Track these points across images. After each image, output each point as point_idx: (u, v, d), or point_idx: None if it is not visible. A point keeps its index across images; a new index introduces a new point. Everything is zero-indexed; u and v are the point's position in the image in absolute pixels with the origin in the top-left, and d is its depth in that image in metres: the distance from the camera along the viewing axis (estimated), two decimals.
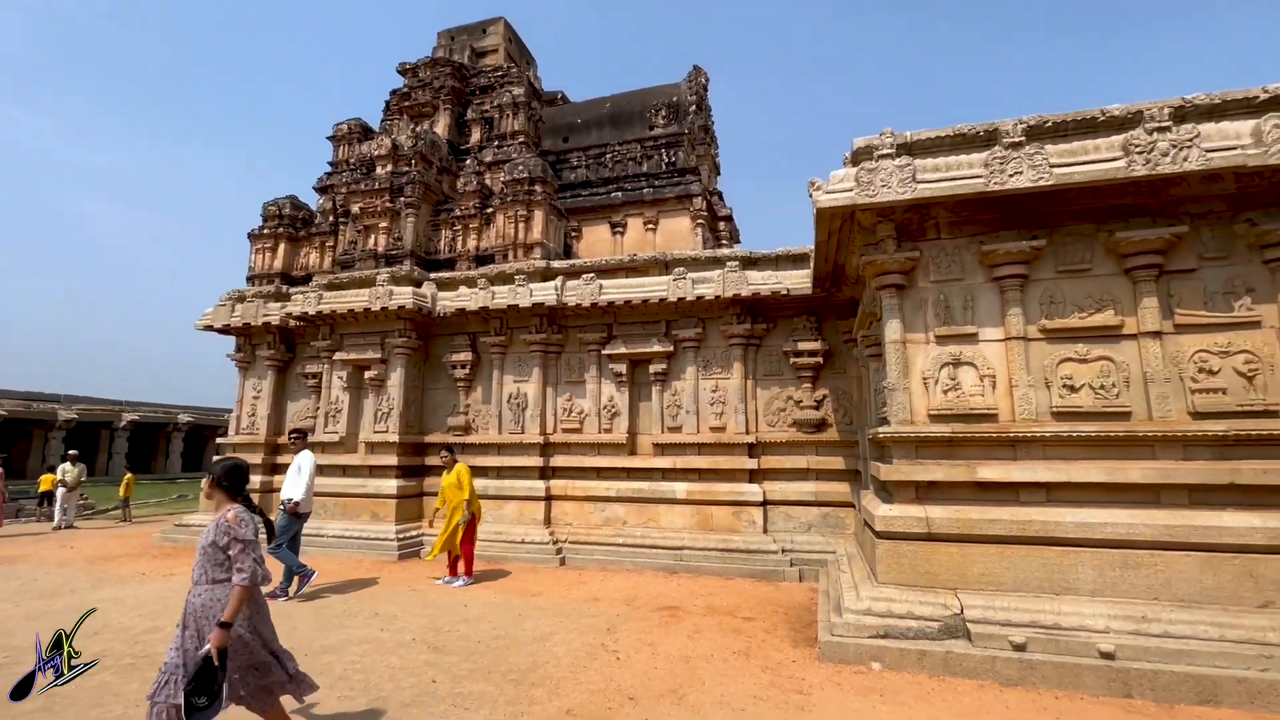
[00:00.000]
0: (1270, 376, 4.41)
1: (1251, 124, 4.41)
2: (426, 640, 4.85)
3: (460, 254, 10.07)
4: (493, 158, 10.89)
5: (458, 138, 11.81)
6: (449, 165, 10.98)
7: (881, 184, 4.96)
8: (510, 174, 9.89)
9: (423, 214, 10.18)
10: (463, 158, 11.55)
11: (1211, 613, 4.07)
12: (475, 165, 11.09)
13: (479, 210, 10.09)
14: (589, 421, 8.90)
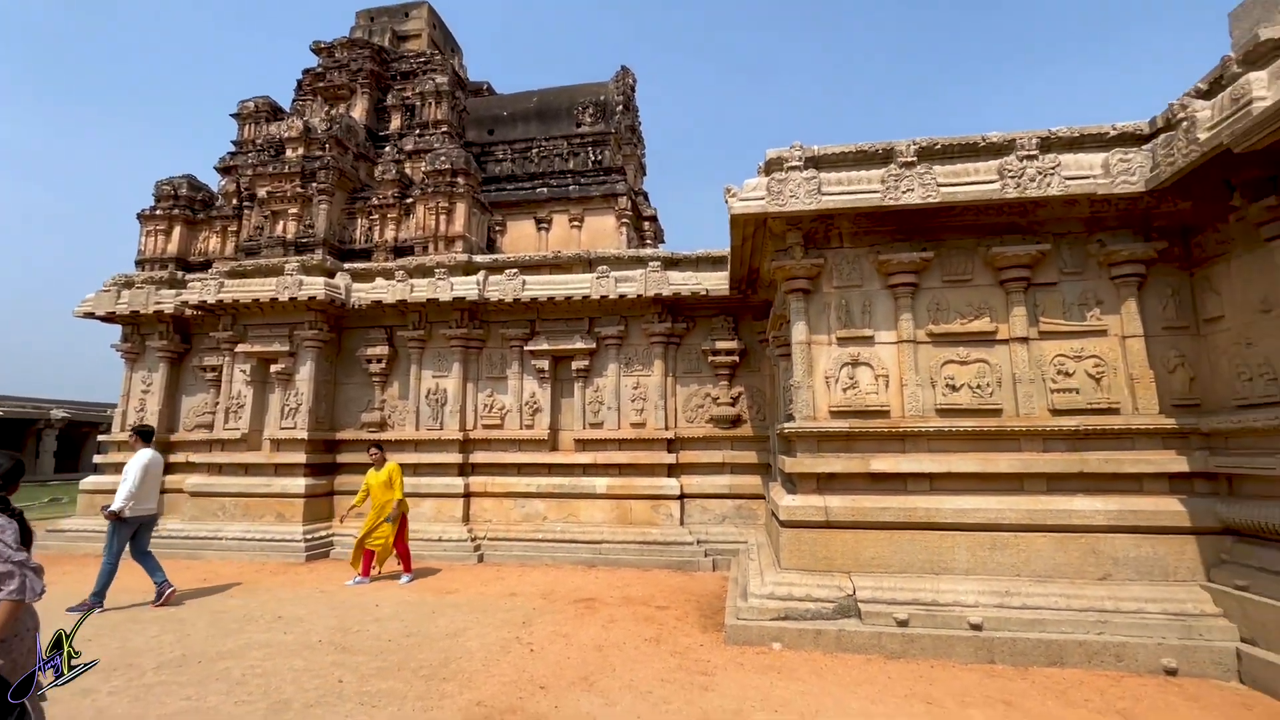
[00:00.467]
0: (1113, 378, 5.05)
1: (1102, 157, 5.02)
2: (334, 641, 4.73)
3: (377, 244, 9.74)
4: (414, 146, 10.59)
5: (376, 124, 11.39)
6: (366, 152, 10.58)
7: (790, 195, 5.27)
8: (432, 164, 9.66)
9: (337, 201, 9.77)
10: (381, 145, 11.16)
11: (1061, 586, 4.62)
12: (395, 153, 10.75)
13: (398, 200, 9.79)
14: (510, 418, 8.86)
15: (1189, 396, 4.91)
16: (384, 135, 11.25)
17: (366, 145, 10.74)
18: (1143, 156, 4.86)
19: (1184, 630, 4.23)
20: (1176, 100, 4.56)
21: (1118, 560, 4.66)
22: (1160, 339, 5.04)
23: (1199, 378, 4.92)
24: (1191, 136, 4.30)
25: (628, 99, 11.95)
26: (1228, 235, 4.66)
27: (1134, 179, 4.84)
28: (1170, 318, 5.05)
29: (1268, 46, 4.04)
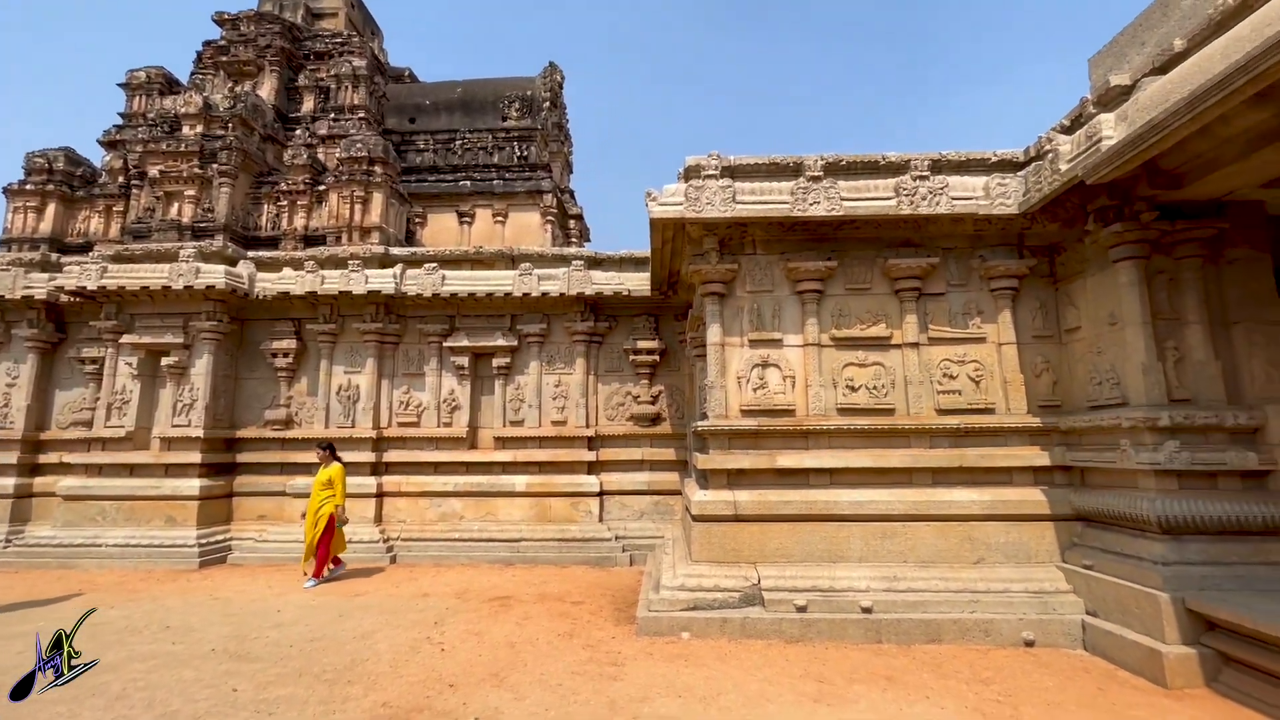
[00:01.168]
0: (990, 381, 5.58)
1: (984, 180, 5.53)
2: (229, 650, 4.50)
3: (286, 233, 9.25)
4: (328, 131, 10.12)
5: (286, 104, 10.78)
6: (274, 134, 10.00)
7: (706, 201, 5.48)
8: (348, 151, 9.27)
9: (240, 185, 9.19)
10: (291, 127, 10.58)
11: (941, 570, 5.07)
12: (307, 137, 10.22)
13: (309, 187, 9.33)
14: (427, 415, 8.66)
15: (1052, 398, 5.50)
16: (294, 117, 10.67)
17: (275, 127, 10.15)
18: (1017, 182, 5.40)
19: (1041, 606, 4.75)
20: (1044, 134, 5.11)
21: (990, 545, 5.16)
22: (1030, 346, 5.62)
23: (1060, 381, 5.53)
24: (1055, 167, 4.83)
25: (555, 95, 11.91)
26: (1084, 255, 5.26)
27: (1009, 202, 5.36)
28: (1038, 327, 5.63)
29: (1116, 91, 4.60)
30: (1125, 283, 4.72)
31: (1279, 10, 3.17)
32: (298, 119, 10.65)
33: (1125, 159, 3.99)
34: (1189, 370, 4.60)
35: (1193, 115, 3.48)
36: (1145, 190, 4.55)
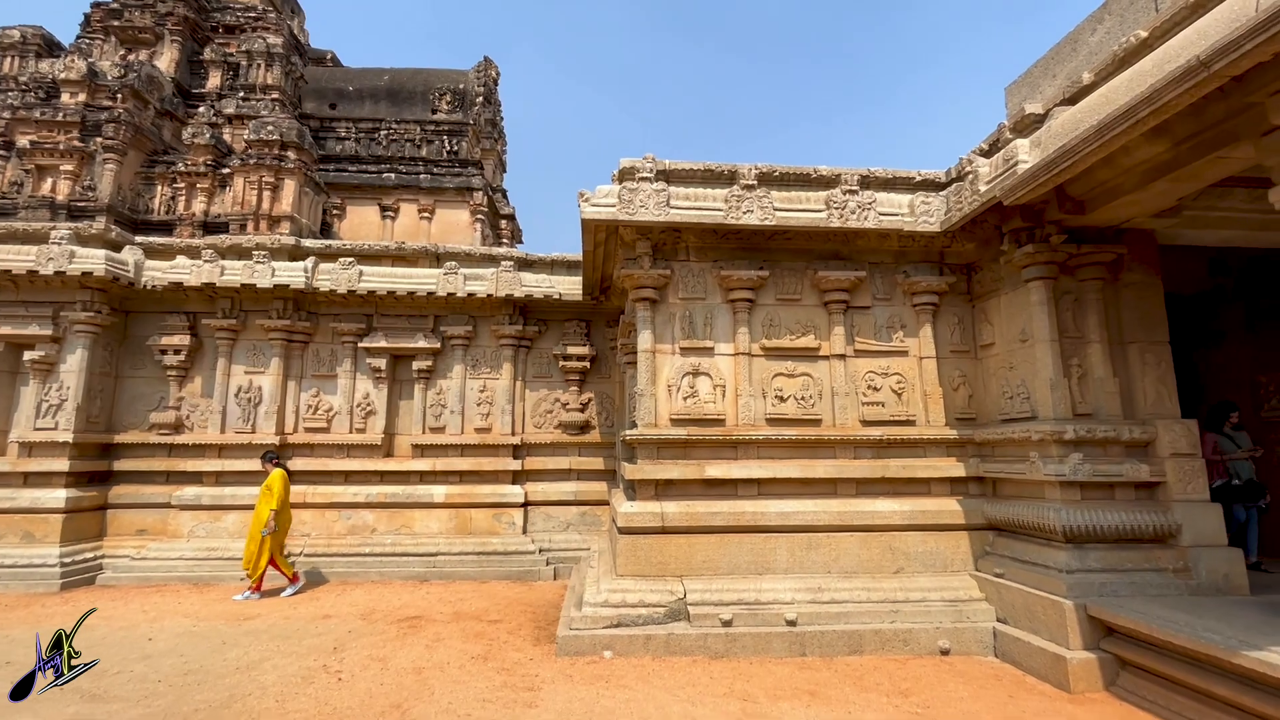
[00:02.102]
0: (911, 394, 5.71)
1: (909, 198, 5.68)
2: (81, 687, 3.91)
3: (182, 218, 8.43)
4: (236, 111, 9.33)
5: (189, 79, 9.89)
6: (173, 110, 9.13)
7: (640, 205, 5.34)
8: (257, 133, 8.57)
9: (130, 163, 8.30)
10: (194, 104, 9.70)
11: (864, 580, 5.11)
12: (211, 116, 9.40)
13: (212, 170, 8.56)
14: (339, 420, 8.07)
15: (968, 411, 5.69)
16: (198, 94, 9.79)
17: (174, 102, 9.27)
18: (939, 201, 5.57)
19: (956, 615, 4.85)
20: (965, 156, 5.30)
21: (909, 555, 5.25)
22: (948, 360, 5.80)
23: (975, 395, 5.73)
24: (975, 188, 5.00)
25: (489, 91, 11.54)
26: (999, 275, 5.48)
27: (932, 220, 5.53)
28: (956, 342, 5.83)
29: (1031, 119, 4.82)
30: (1036, 301, 4.94)
31: (1178, 48, 3.36)
32: (202, 96, 9.78)
33: (1039, 182, 4.16)
34: (1091, 386, 4.85)
35: (1101, 142, 3.65)
36: (1055, 214, 4.78)
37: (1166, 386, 4.85)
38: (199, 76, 9.99)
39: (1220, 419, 5.73)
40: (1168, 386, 4.85)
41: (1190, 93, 3.11)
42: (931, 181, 5.76)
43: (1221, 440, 5.63)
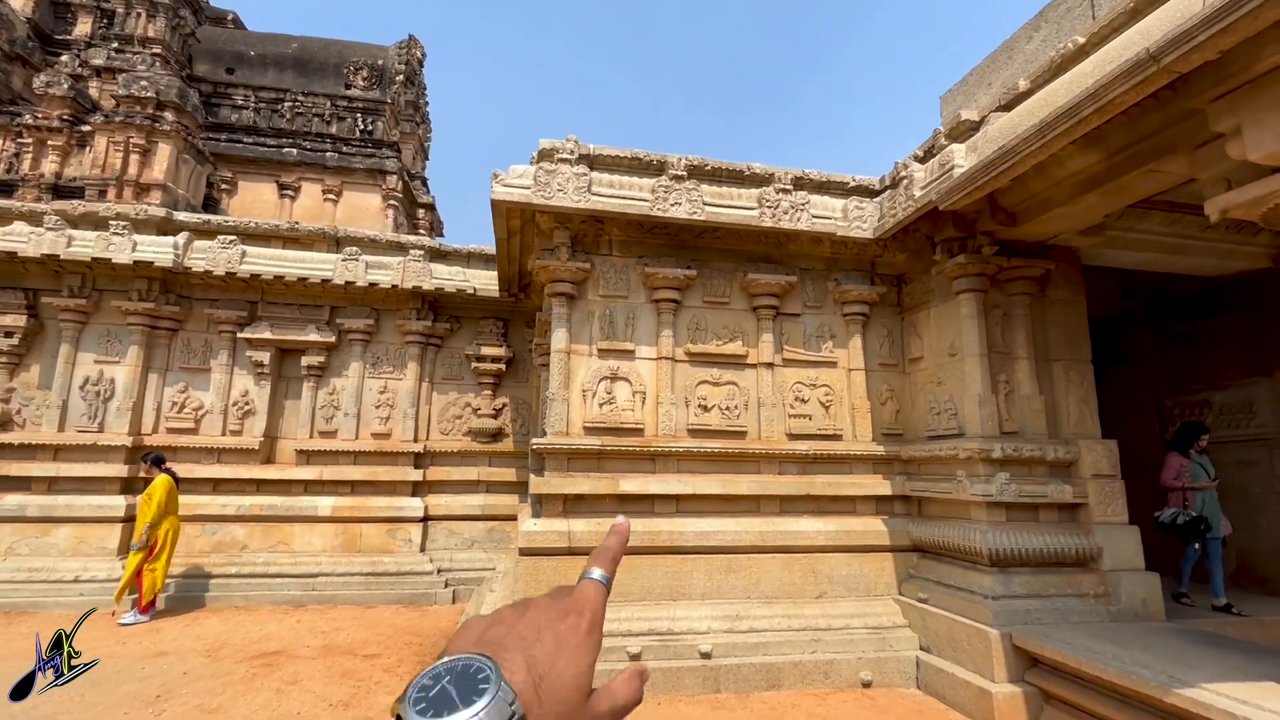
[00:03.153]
0: (839, 407, 5.44)
1: (843, 203, 5.44)
2: None
3: (28, 178, 7.21)
4: (105, 63, 8.16)
5: (51, 23, 8.60)
6: (26, 55, 7.87)
7: (558, 188, 4.83)
8: (128, 88, 7.48)
9: None
10: (55, 52, 8.43)
11: (785, 606, 4.74)
12: (76, 66, 8.17)
13: (69, 126, 7.39)
14: (210, 420, 7.05)
15: (895, 427, 5.47)
16: (62, 40, 8.52)
17: (29, 47, 8.00)
18: (873, 207, 5.36)
19: (879, 643, 4.55)
20: (900, 161, 5.10)
21: (832, 578, 4.93)
22: (877, 373, 5.57)
23: (903, 410, 5.52)
24: (909, 193, 4.79)
25: (413, 72, 10.75)
26: (929, 287, 5.31)
27: (865, 226, 5.30)
28: (885, 355, 5.62)
29: (966, 126, 4.66)
30: (966, 314, 4.76)
31: (1121, 47, 3.20)
32: (67, 44, 8.52)
33: (977, 185, 3.95)
34: (1018, 404, 4.70)
35: (1043, 142, 3.46)
36: (988, 224, 4.63)
37: (1089, 406, 4.77)
38: (64, 21, 8.71)
39: (1189, 441, 5.10)
40: (1090, 406, 4.77)
41: (1136, 90, 2.93)
42: (866, 187, 5.55)
43: (1191, 465, 5.00)
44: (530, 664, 0.49)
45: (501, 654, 0.49)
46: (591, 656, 0.53)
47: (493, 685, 0.45)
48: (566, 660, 0.51)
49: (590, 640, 0.54)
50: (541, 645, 0.51)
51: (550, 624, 0.53)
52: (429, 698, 0.45)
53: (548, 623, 0.53)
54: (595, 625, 0.55)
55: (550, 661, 0.50)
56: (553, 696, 0.49)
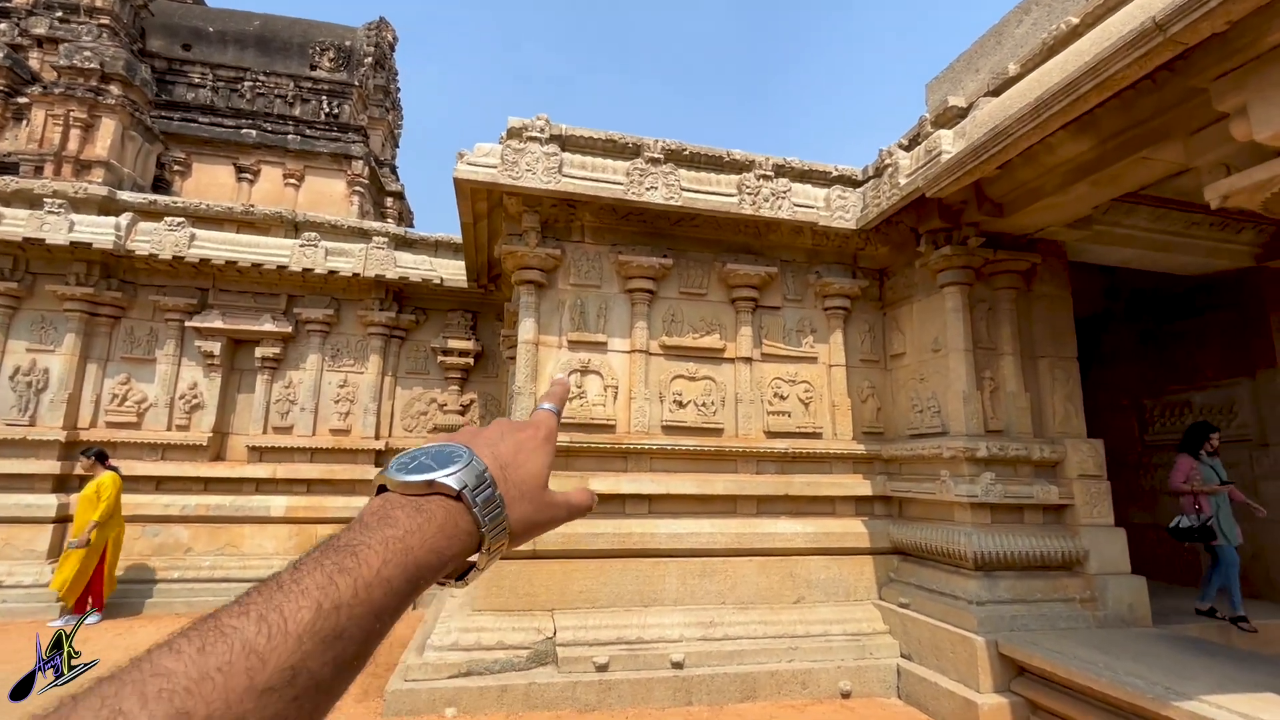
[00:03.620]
0: (819, 404, 5.23)
1: (825, 191, 5.25)
2: None
3: None
4: (48, 31, 7.64)
5: None
6: None
7: (527, 168, 4.54)
8: (70, 59, 7.00)
9: None
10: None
11: (761, 612, 4.51)
12: (14, 34, 7.64)
13: (4, 97, 6.89)
14: (154, 414, 6.60)
15: (876, 425, 5.28)
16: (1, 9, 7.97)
17: None
18: (856, 197, 5.18)
19: (859, 651, 4.34)
20: (885, 148, 4.92)
21: (811, 582, 4.72)
22: (858, 370, 5.38)
23: (884, 408, 5.34)
24: (894, 181, 4.61)
25: (383, 55, 10.34)
26: (912, 280, 5.14)
27: (848, 216, 5.11)
28: (867, 351, 5.43)
29: (954, 112, 4.49)
30: (951, 308, 4.59)
31: (1120, 22, 3.03)
32: (6, 11, 7.97)
33: (966, 170, 3.77)
34: (1003, 401, 4.54)
35: (1036, 123, 3.28)
36: (974, 215, 4.46)
37: (1074, 404, 4.63)
38: None
39: (1198, 441, 4.81)
40: (1075, 404, 4.63)
41: (1139, 63, 2.75)
42: (848, 177, 5.36)
43: (1201, 467, 4.73)
44: (495, 455, 0.55)
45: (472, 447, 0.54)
46: (546, 459, 0.59)
47: (465, 456, 0.52)
48: (526, 455, 0.57)
49: (545, 447, 0.60)
50: (504, 444, 0.57)
51: (509, 432, 0.59)
52: (409, 467, 0.51)
53: (508, 431, 0.59)
54: (549, 437, 0.61)
55: (511, 454, 0.56)
56: (515, 477, 0.55)
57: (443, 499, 0.49)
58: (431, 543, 0.46)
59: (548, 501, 0.57)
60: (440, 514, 0.48)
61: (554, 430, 0.62)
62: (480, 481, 0.50)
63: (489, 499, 0.51)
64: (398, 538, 0.45)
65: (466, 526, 0.49)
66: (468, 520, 0.49)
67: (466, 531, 0.49)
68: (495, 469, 0.53)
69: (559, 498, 0.59)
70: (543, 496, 0.57)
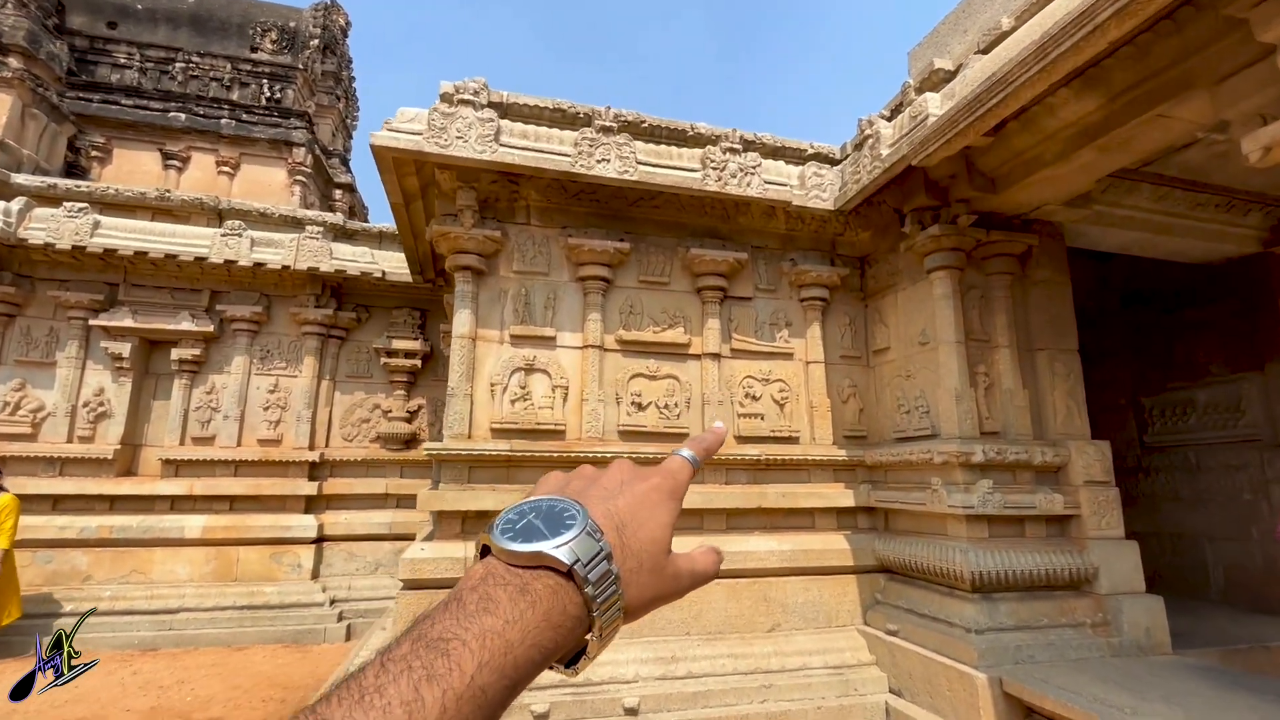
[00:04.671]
0: (795, 405, 4.69)
1: (799, 169, 4.73)
2: None
3: None
4: None
5: None
6: None
7: (457, 135, 3.95)
8: None
9: None
10: None
11: (731, 643, 3.93)
12: None
13: None
14: (53, 424, 5.86)
15: (858, 428, 4.76)
16: None
17: None
18: (834, 174, 4.68)
19: (842, 686, 3.79)
20: (865, 118, 4.41)
21: (787, 607, 4.16)
22: (838, 367, 4.86)
23: (867, 409, 4.82)
24: (876, 152, 4.10)
25: (333, 40, 9.69)
26: (896, 267, 4.64)
27: (825, 196, 4.61)
28: (847, 346, 4.92)
29: (941, 75, 4.01)
30: (940, 295, 4.09)
31: None
32: None
33: (958, 129, 3.27)
34: (999, 399, 4.04)
35: (1042, 66, 2.78)
36: (964, 191, 3.97)
37: (1076, 401, 4.15)
38: None
39: None
40: (1078, 401, 4.15)
41: None
42: (825, 155, 4.85)
43: None
44: (611, 512, 0.50)
45: (585, 502, 0.49)
46: (671, 516, 0.54)
47: (580, 521, 0.47)
48: (647, 514, 0.52)
49: (670, 503, 0.54)
50: (622, 498, 0.51)
51: (630, 483, 0.53)
52: (516, 529, 0.47)
53: (628, 481, 0.54)
54: (676, 492, 0.56)
55: (631, 513, 0.51)
56: (635, 542, 0.49)
57: (551, 575, 0.44)
58: (535, 636, 0.42)
59: (671, 572, 0.52)
60: (547, 598, 0.43)
61: (683, 484, 0.57)
62: (595, 553, 0.46)
63: (603, 575, 0.46)
64: (497, 631, 0.41)
65: (575, 611, 0.45)
66: (576, 602, 0.45)
67: (574, 617, 0.45)
68: (611, 532, 0.48)
69: (683, 565, 0.54)
70: (665, 565, 0.51)
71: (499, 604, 0.41)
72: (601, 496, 0.50)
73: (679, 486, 0.55)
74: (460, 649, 0.38)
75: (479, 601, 0.42)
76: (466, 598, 0.42)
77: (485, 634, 0.40)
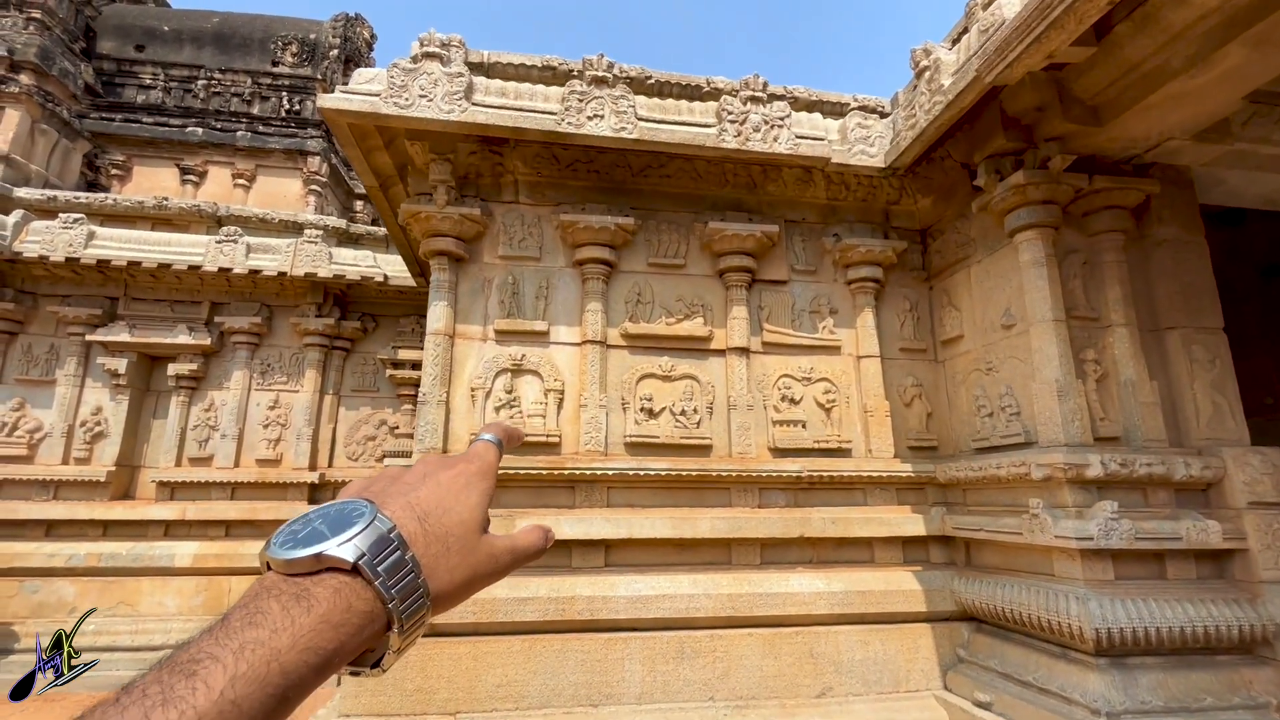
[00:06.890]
0: (845, 409, 3.82)
1: (839, 122, 3.92)
2: None
3: None
4: None
5: None
6: None
7: (421, 93, 3.36)
8: None
9: None
10: None
11: (768, 712, 3.07)
12: None
13: None
14: (49, 445, 5.59)
15: (926, 436, 3.84)
16: None
17: None
18: (884, 125, 3.84)
19: None
20: (919, 47, 3.55)
21: (840, 665, 3.26)
22: (898, 362, 3.97)
23: (936, 413, 3.90)
24: (936, 84, 3.25)
25: (356, 53, 9.54)
26: (968, 235, 3.73)
27: (873, 150, 3.77)
28: (908, 337, 4.02)
29: None
30: (1029, 262, 3.17)
31: None
32: None
33: (1051, 18, 2.39)
34: (1115, 395, 3.07)
35: None
36: (1056, 126, 3.07)
37: (1227, 396, 3.12)
38: None
39: None
40: (1229, 395, 3.12)
41: None
42: (872, 107, 4.01)
43: None
44: (412, 504, 0.48)
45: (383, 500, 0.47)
46: (481, 496, 0.51)
47: (366, 516, 0.44)
48: (454, 499, 0.50)
49: (479, 483, 0.52)
50: (425, 488, 0.50)
51: (433, 473, 0.51)
52: (298, 537, 0.44)
53: (431, 473, 0.52)
54: (485, 472, 0.54)
55: (435, 500, 0.49)
56: (439, 528, 0.48)
57: (335, 576, 0.42)
58: (309, 640, 0.39)
59: (486, 551, 0.50)
60: (326, 599, 0.41)
61: (492, 465, 0.55)
62: (384, 546, 0.43)
63: (396, 564, 0.43)
64: (261, 641, 0.38)
65: (364, 608, 0.42)
66: (366, 598, 0.42)
67: (364, 614, 0.42)
68: (410, 523, 0.47)
69: (501, 544, 0.51)
70: (478, 545, 0.49)
71: (269, 614, 0.39)
72: (402, 491, 0.48)
73: (487, 467, 0.53)
74: (211, 666, 0.36)
75: (246, 616, 0.39)
76: (233, 616, 0.40)
77: (245, 646, 0.37)
